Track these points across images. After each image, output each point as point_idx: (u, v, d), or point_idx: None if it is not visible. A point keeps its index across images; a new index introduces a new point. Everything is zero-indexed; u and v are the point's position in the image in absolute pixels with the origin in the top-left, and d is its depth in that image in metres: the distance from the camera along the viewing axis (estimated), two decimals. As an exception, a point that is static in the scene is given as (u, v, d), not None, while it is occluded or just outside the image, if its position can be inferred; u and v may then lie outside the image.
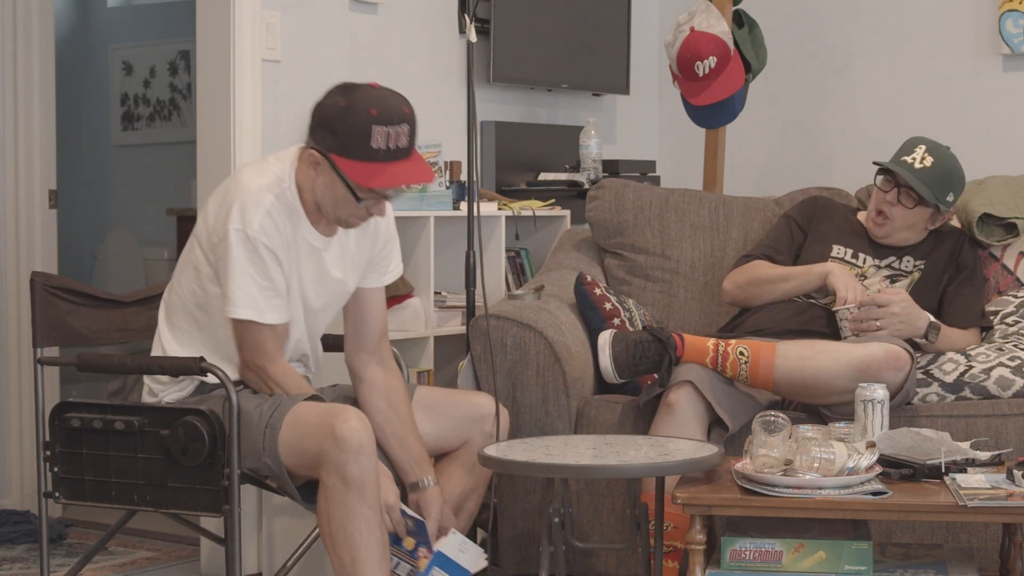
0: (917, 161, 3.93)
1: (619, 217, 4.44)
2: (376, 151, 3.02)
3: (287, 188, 3.13)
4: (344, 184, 3.07)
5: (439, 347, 4.33)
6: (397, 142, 3.04)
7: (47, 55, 5.05)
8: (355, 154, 3.03)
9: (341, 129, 3.03)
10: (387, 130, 3.02)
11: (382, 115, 3.03)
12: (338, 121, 3.03)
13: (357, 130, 3.01)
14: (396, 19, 4.61)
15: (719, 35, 4.64)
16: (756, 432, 2.99)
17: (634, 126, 5.65)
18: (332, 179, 3.08)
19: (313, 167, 3.09)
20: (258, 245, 3.07)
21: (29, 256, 4.95)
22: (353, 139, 3.02)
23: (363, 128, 3.01)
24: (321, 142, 3.07)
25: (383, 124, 3.02)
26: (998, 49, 4.97)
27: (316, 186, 3.11)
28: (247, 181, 3.12)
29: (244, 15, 4.07)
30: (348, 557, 2.99)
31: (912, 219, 3.98)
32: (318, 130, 3.08)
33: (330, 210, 3.13)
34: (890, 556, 3.14)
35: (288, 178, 3.14)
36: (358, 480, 2.95)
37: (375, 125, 3.01)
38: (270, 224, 3.08)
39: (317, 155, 3.08)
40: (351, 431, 2.95)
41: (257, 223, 3.06)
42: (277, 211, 3.10)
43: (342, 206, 3.11)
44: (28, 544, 4.53)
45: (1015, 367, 3.74)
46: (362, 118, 3.02)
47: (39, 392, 3.39)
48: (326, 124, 3.06)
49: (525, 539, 3.82)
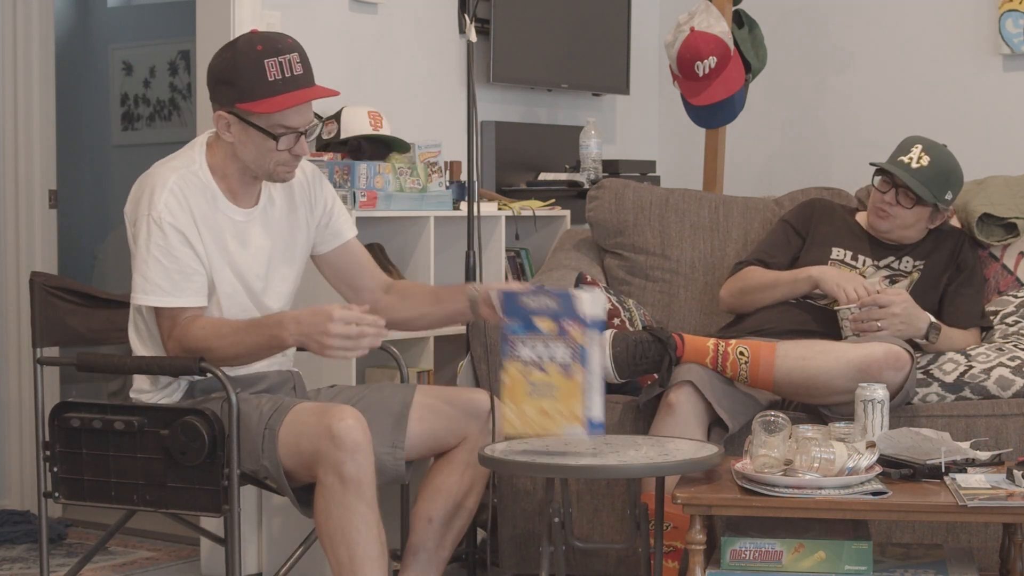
0: (914, 161, 3.93)
1: (619, 217, 4.44)
2: (275, 83, 3.08)
3: (197, 169, 3.17)
4: (257, 129, 3.11)
5: (439, 347, 4.32)
6: (292, 70, 3.10)
7: (47, 55, 5.05)
8: (257, 93, 3.07)
9: (236, 76, 3.08)
10: (278, 60, 3.08)
11: (268, 48, 3.09)
12: (230, 70, 3.09)
13: (250, 69, 3.07)
14: (396, 19, 4.61)
15: (719, 35, 4.64)
16: (756, 432, 2.99)
17: (634, 126, 5.65)
18: (246, 131, 3.12)
19: (226, 129, 3.13)
20: (163, 224, 3.09)
21: (29, 256, 4.95)
22: (250, 79, 3.07)
23: (255, 65, 3.07)
24: (223, 98, 3.12)
25: (272, 56, 3.08)
26: (998, 49, 4.97)
27: (236, 149, 3.15)
28: (153, 170, 3.18)
29: (244, 15, 4.07)
30: (346, 556, 2.98)
31: (911, 219, 3.98)
32: (217, 89, 3.13)
33: (255, 166, 3.16)
34: (890, 556, 3.14)
35: (198, 159, 3.18)
36: (355, 478, 2.95)
37: (265, 59, 3.08)
38: (173, 202, 3.11)
39: (225, 114, 3.12)
40: (347, 429, 2.95)
41: (161, 203, 3.10)
42: (181, 188, 3.12)
43: (263, 155, 3.14)
44: (28, 544, 4.53)
45: (1015, 367, 3.74)
46: (251, 57, 3.08)
47: (39, 392, 3.39)
48: (222, 79, 3.11)
49: (525, 539, 3.82)
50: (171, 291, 3.10)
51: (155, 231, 3.10)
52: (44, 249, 5.01)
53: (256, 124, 3.11)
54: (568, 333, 2.92)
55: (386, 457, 3.20)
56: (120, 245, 6.67)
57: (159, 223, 3.09)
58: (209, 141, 3.23)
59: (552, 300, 2.92)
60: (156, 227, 3.09)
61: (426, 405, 3.30)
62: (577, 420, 2.92)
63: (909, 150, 3.96)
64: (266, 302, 3.27)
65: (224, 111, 3.13)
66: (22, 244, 4.96)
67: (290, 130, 3.13)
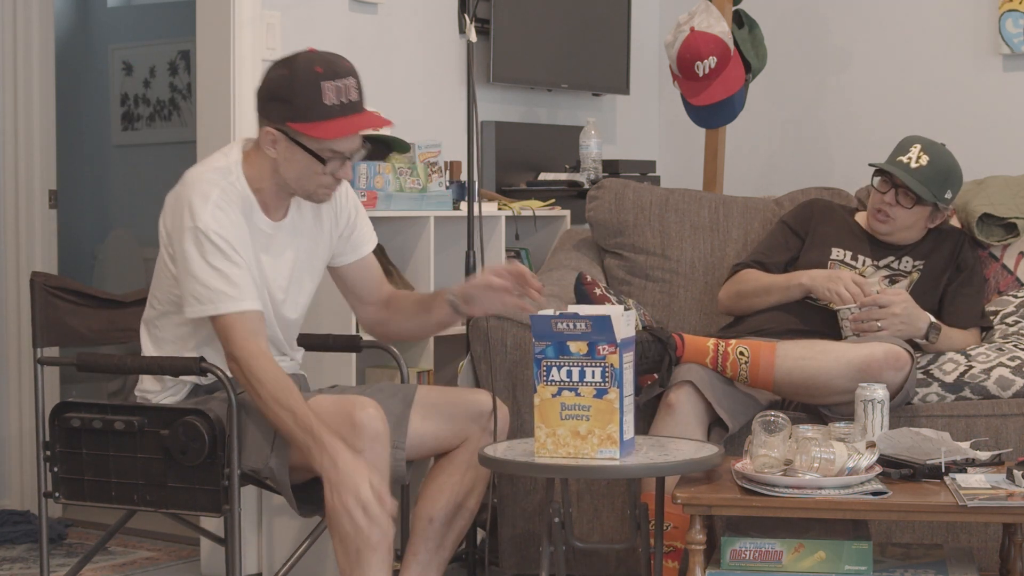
0: (913, 160, 3.93)
1: (619, 217, 4.44)
2: (331, 107, 3.04)
3: (235, 179, 3.12)
4: (306, 151, 3.07)
5: (439, 347, 4.32)
6: (348, 96, 3.07)
7: (47, 55, 5.05)
8: (311, 115, 3.03)
9: (291, 95, 3.03)
10: (336, 84, 3.04)
11: (328, 71, 3.05)
12: (287, 88, 3.04)
13: (308, 91, 3.02)
14: (396, 19, 4.61)
15: (719, 35, 4.64)
16: (756, 432, 2.99)
17: (634, 126, 5.65)
18: (292, 150, 3.08)
19: (271, 145, 3.09)
20: (210, 235, 3.04)
21: (29, 256, 4.96)
22: (306, 101, 3.02)
23: (313, 87, 3.02)
24: (275, 115, 3.07)
25: (331, 79, 3.04)
26: (998, 49, 4.97)
27: (279, 166, 3.10)
28: (192, 178, 3.11)
29: (244, 15, 4.07)
30: (354, 547, 2.99)
31: (912, 218, 3.98)
32: (269, 105, 3.08)
33: (296, 185, 3.13)
34: (890, 556, 3.14)
35: (235, 169, 3.13)
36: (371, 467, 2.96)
37: (323, 81, 3.03)
38: (220, 214, 3.06)
39: (273, 131, 3.07)
40: (369, 418, 2.97)
41: (207, 215, 3.04)
42: (225, 202, 3.08)
43: (308, 176, 3.10)
44: (28, 544, 4.53)
45: (1015, 367, 3.74)
46: (310, 78, 3.03)
47: (39, 392, 3.39)
48: (276, 96, 3.06)
49: (525, 539, 3.82)
50: (237, 296, 3.04)
51: (205, 242, 3.03)
52: (44, 249, 5.01)
53: (305, 145, 3.06)
54: (601, 355, 2.93)
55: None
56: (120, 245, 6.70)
57: (207, 234, 3.03)
58: (246, 150, 3.17)
59: (585, 322, 2.92)
60: (205, 238, 3.03)
61: (428, 405, 3.30)
62: (612, 442, 2.93)
63: (908, 150, 3.96)
64: (284, 312, 3.26)
65: (273, 127, 3.07)
66: (22, 244, 4.96)
67: (338, 155, 3.09)
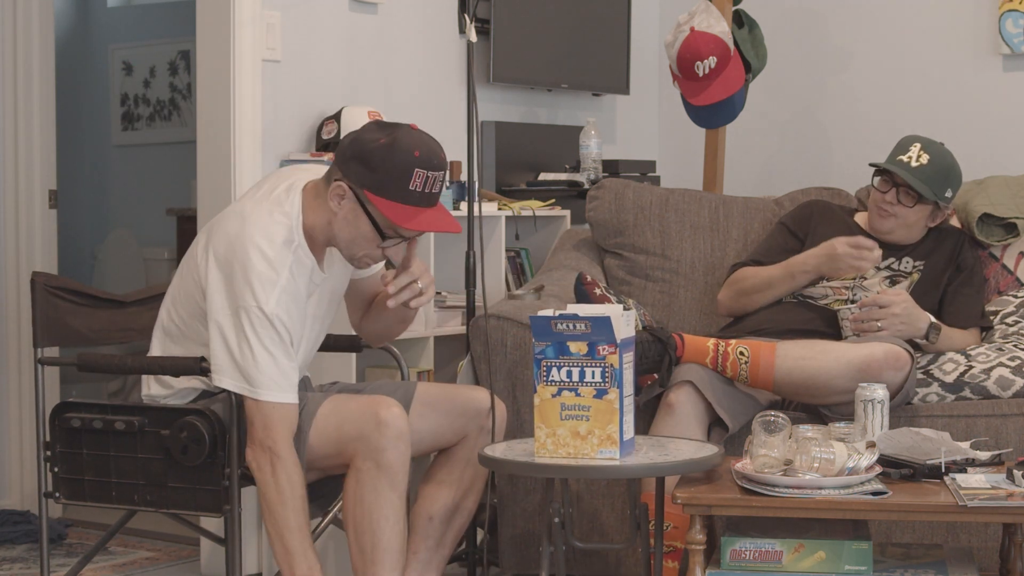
0: (913, 159, 3.93)
1: (619, 217, 4.44)
2: (411, 193, 2.97)
3: (298, 246, 3.04)
4: (371, 222, 3.01)
5: (439, 347, 4.33)
6: (432, 187, 3.00)
7: (47, 55, 5.05)
8: (391, 194, 2.97)
9: (381, 166, 2.96)
10: (427, 174, 2.98)
11: (424, 158, 2.98)
12: (379, 157, 2.97)
13: (399, 170, 2.96)
14: (396, 19, 4.61)
15: (719, 35, 4.64)
16: (756, 432, 2.99)
17: (634, 126, 5.65)
18: (357, 215, 3.01)
19: (338, 201, 3.02)
20: (275, 322, 2.98)
21: (29, 256, 4.95)
22: (393, 178, 2.96)
23: (405, 168, 2.96)
24: (355, 176, 2.99)
25: (425, 168, 2.97)
26: (998, 49, 4.97)
27: (336, 221, 3.03)
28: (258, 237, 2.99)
29: (244, 15, 4.07)
30: (369, 543, 3.00)
31: (913, 217, 3.98)
32: (353, 163, 2.99)
33: (345, 247, 3.07)
34: (890, 556, 3.14)
35: (297, 229, 3.05)
36: (392, 467, 2.98)
37: (417, 168, 2.97)
38: (289, 302, 3.00)
39: (346, 188, 3.00)
40: (394, 417, 2.99)
41: (274, 300, 2.97)
42: (293, 285, 3.02)
43: (360, 244, 3.05)
44: (28, 544, 4.53)
45: (1015, 367, 3.74)
46: (405, 158, 2.96)
47: (39, 392, 3.39)
48: (364, 159, 2.98)
49: (525, 539, 3.83)
50: (287, 388, 3.00)
51: (267, 327, 2.97)
52: (44, 249, 5.01)
53: (372, 216, 3.01)
54: (601, 355, 2.93)
55: None
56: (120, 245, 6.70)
57: (272, 319, 2.97)
58: (306, 190, 3.09)
59: (585, 323, 2.92)
60: (268, 323, 2.97)
61: (426, 402, 3.30)
62: (612, 442, 2.93)
63: (908, 149, 3.96)
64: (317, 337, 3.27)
65: (348, 184, 3.01)
66: (22, 244, 4.96)
67: (399, 237, 3.05)
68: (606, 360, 2.92)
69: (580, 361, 2.94)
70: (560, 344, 2.94)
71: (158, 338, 3.24)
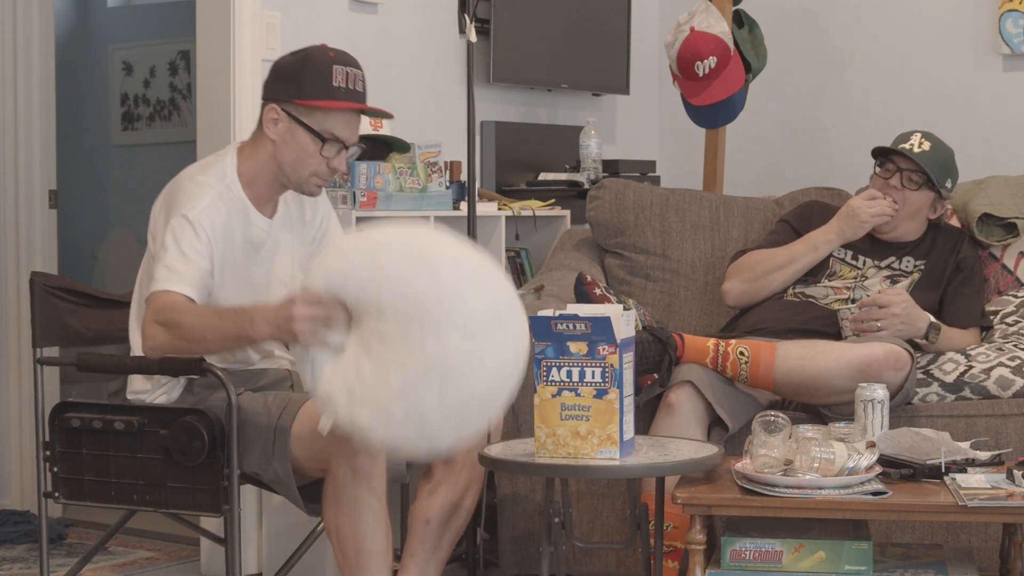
0: (916, 146, 3.96)
1: (619, 217, 4.44)
2: (337, 89, 3.12)
3: (231, 183, 3.17)
4: (307, 130, 3.13)
5: (439, 347, 4.32)
6: (355, 84, 3.17)
7: (47, 55, 5.05)
8: (318, 93, 3.11)
9: (302, 73, 3.12)
10: (346, 70, 3.15)
11: (339, 57, 3.16)
12: (297, 67, 3.13)
13: (319, 70, 3.12)
14: (396, 19, 4.61)
15: (719, 35, 4.64)
16: (756, 432, 2.99)
17: (634, 126, 5.65)
18: (294, 131, 3.14)
19: (273, 125, 3.15)
20: (197, 227, 3.08)
21: (29, 256, 4.95)
22: (315, 78, 3.11)
23: (324, 67, 3.12)
24: (281, 94, 3.14)
25: (342, 65, 3.15)
26: (998, 49, 4.97)
27: (277, 150, 3.15)
28: (184, 183, 3.16)
29: (244, 15, 4.07)
30: (353, 550, 2.99)
31: (916, 205, 3.98)
32: (278, 84, 3.16)
33: (291, 171, 3.17)
34: (890, 556, 3.14)
35: (230, 172, 3.18)
36: (367, 472, 2.96)
37: (335, 65, 3.14)
38: (215, 213, 3.11)
39: (277, 109, 3.14)
40: None
41: (201, 207, 3.09)
42: (221, 204, 3.13)
43: (303, 160, 3.15)
44: (28, 544, 4.53)
45: (1015, 367, 3.74)
46: (322, 60, 3.13)
47: (39, 392, 3.39)
48: (285, 75, 3.15)
49: (525, 539, 3.82)
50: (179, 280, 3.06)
51: (188, 229, 3.07)
52: (44, 249, 5.01)
53: (307, 124, 3.13)
54: (601, 355, 2.93)
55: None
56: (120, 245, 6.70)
57: (194, 223, 3.07)
58: (240, 147, 3.23)
59: (585, 323, 2.92)
60: (190, 226, 3.07)
61: None
62: (612, 442, 2.93)
63: (909, 138, 4.00)
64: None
65: (278, 105, 3.14)
66: (22, 244, 4.96)
67: (337, 141, 3.15)
68: (606, 360, 2.92)
69: (580, 361, 2.94)
70: (560, 344, 2.94)
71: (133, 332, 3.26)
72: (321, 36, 4.30)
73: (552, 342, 2.94)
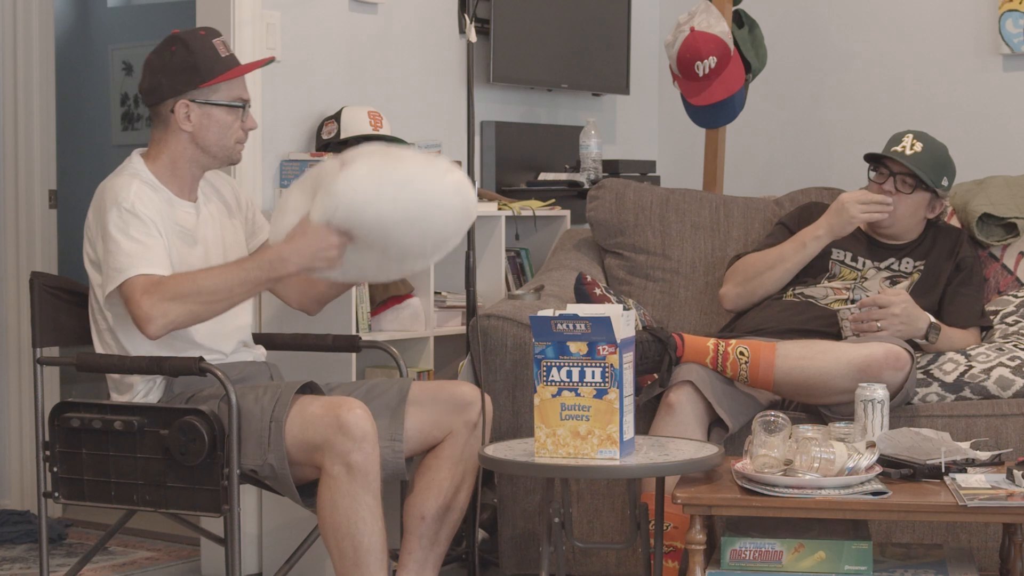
0: (907, 148, 3.95)
1: (619, 217, 4.44)
2: (228, 58, 3.29)
3: (146, 178, 3.25)
4: (221, 107, 3.27)
5: (439, 347, 4.32)
6: (231, 49, 3.33)
7: (47, 55, 5.05)
8: (216, 70, 3.25)
9: (192, 60, 3.24)
10: (220, 40, 3.30)
11: (208, 32, 3.31)
12: (184, 57, 3.25)
13: (204, 51, 3.26)
14: (396, 19, 4.61)
15: (719, 35, 4.64)
16: (756, 432, 2.99)
17: (634, 126, 5.65)
18: (208, 114, 3.26)
19: (186, 119, 3.25)
20: (136, 212, 3.15)
21: (29, 256, 4.95)
22: (207, 60, 3.25)
23: (207, 47, 3.27)
24: (186, 85, 3.24)
25: (215, 37, 3.30)
26: (998, 49, 4.97)
27: (197, 135, 3.26)
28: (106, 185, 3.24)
29: (244, 15, 4.07)
30: (350, 548, 2.99)
31: (911, 207, 3.98)
32: (175, 80, 3.24)
33: (218, 147, 3.29)
34: (890, 556, 3.14)
35: (141, 171, 3.27)
36: (362, 468, 2.97)
37: (213, 39, 3.29)
38: (144, 195, 3.19)
39: (186, 102, 3.24)
40: (356, 419, 2.98)
41: (132, 194, 3.17)
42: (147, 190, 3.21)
43: (227, 134, 3.28)
44: (28, 544, 4.52)
45: (1015, 367, 3.74)
46: (200, 42, 3.27)
47: (39, 392, 3.39)
48: (180, 68, 3.25)
49: (525, 539, 3.82)
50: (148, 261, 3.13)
51: (129, 217, 3.15)
52: (44, 249, 5.01)
53: (219, 103, 3.26)
54: (601, 355, 2.93)
55: (385, 451, 3.21)
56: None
57: (131, 210, 3.15)
58: (144, 154, 3.33)
59: (585, 323, 2.92)
60: (129, 213, 3.15)
61: (413, 401, 3.31)
62: (612, 442, 2.93)
63: (900, 140, 3.99)
64: None
65: (185, 99, 3.24)
66: (22, 244, 4.96)
67: (244, 103, 3.30)
68: (606, 360, 2.92)
69: (580, 361, 2.94)
70: (560, 344, 2.94)
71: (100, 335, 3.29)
72: (321, 36, 4.31)
73: (552, 342, 2.94)
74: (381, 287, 4.13)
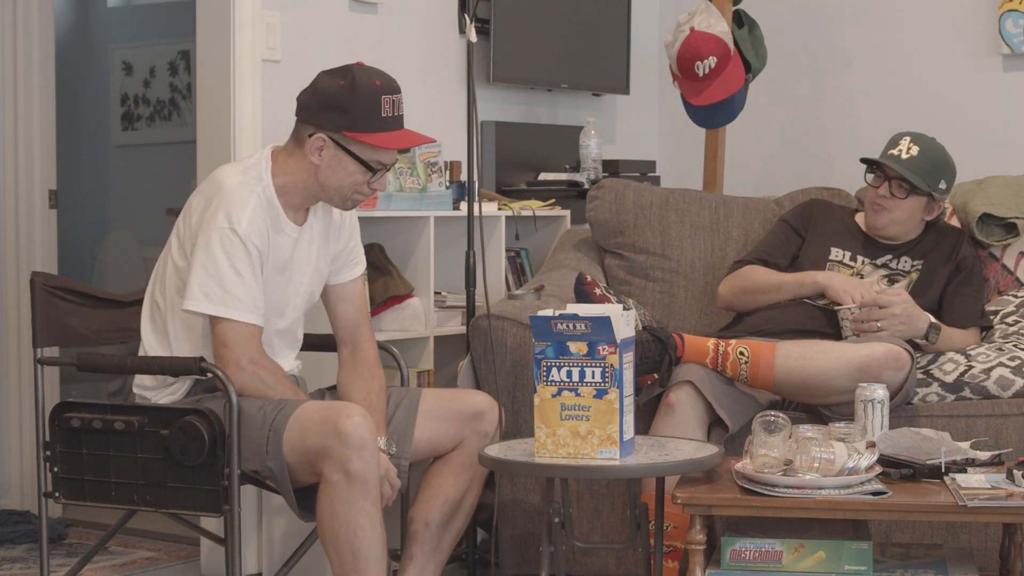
0: (903, 152, 3.95)
1: (619, 217, 4.44)
2: (385, 120, 3.15)
3: (266, 186, 3.17)
4: (355, 160, 3.14)
5: (439, 347, 4.32)
6: (399, 110, 3.19)
7: (47, 55, 5.05)
8: (367, 126, 3.13)
9: (352, 105, 3.12)
10: (392, 99, 3.17)
11: (385, 85, 3.17)
12: (347, 98, 3.12)
13: (369, 103, 3.13)
14: (396, 19, 4.61)
15: (719, 35, 4.64)
16: (756, 432, 2.99)
17: (634, 126, 5.65)
18: (340, 159, 3.15)
19: (317, 153, 3.15)
20: (247, 242, 3.10)
21: (29, 256, 4.95)
22: (366, 111, 3.12)
23: (374, 100, 3.13)
24: (329, 123, 3.13)
25: (389, 93, 3.16)
26: (998, 49, 4.96)
27: (319, 172, 3.16)
28: (226, 180, 3.16)
29: (244, 15, 4.07)
30: (349, 555, 2.98)
31: (907, 211, 3.98)
32: (323, 113, 3.14)
33: (335, 192, 3.19)
34: (890, 556, 3.14)
35: (265, 176, 3.18)
36: (361, 475, 2.95)
37: (383, 95, 3.15)
38: (259, 223, 3.12)
39: (324, 138, 3.14)
40: (354, 426, 2.96)
41: (246, 221, 3.10)
42: (262, 210, 3.14)
43: (349, 185, 3.18)
44: (28, 544, 4.53)
45: (1015, 367, 3.74)
46: (371, 91, 3.13)
47: (39, 392, 3.39)
48: (333, 104, 3.13)
49: (525, 539, 3.82)
50: (250, 307, 3.10)
51: (238, 245, 3.09)
52: (44, 249, 5.01)
53: (355, 154, 3.15)
54: (601, 355, 2.93)
55: None
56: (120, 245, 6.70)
57: (244, 240, 3.09)
58: (275, 154, 3.23)
59: (585, 323, 2.93)
60: (240, 242, 3.09)
61: (428, 412, 3.30)
62: (612, 442, 2.93)
63: (898, 143, 3.99)
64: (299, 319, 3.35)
65: (324, 134, 3.14)
66: (22, 244, 4.96)
67: (383, 167, 3.19)
68: (606, 360, 2.92)
69: (580, 361, 2.94)
70: (560, 344, 2.94)
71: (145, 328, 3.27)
72: (321, 36, 4.31)
73: (552, 342, 2.94)
74: (381, 286, 4.13)
